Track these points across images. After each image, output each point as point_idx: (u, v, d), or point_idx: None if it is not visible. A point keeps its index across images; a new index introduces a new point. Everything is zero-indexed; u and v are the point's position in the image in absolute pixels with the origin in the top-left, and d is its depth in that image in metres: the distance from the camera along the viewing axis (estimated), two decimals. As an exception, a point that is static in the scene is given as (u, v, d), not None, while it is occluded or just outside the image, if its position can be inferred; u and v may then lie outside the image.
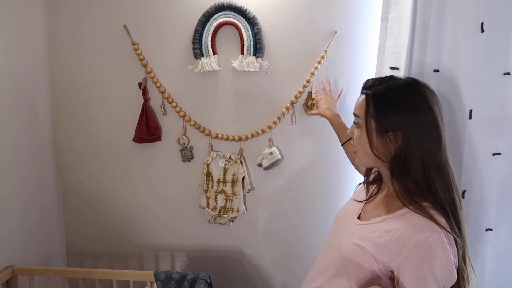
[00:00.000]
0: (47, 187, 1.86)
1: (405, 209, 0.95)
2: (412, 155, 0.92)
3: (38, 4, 1.74)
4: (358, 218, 1.07)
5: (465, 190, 1.55)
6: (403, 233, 0.91)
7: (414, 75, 1.54)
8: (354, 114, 1.02)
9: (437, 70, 1.52)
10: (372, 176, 1.14)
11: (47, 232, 1.86)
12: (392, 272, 0.93)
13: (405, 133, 0.92)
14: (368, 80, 1.02)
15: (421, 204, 0.93)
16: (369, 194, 1.10)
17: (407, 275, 0.89)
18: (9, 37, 1.58)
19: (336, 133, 1.53)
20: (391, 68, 1.54)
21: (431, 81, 1.52)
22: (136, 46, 1.76)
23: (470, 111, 1.51)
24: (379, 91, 0.96)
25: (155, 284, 1.58)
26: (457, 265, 0.91)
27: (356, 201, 1.11)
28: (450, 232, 0.90)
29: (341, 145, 1.49)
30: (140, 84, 1.78)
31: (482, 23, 1.46)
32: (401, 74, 1.51)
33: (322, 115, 1.60)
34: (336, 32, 1.70)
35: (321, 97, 1.65)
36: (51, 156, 1.89)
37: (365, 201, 1.09)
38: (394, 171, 0.96)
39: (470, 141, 1.53)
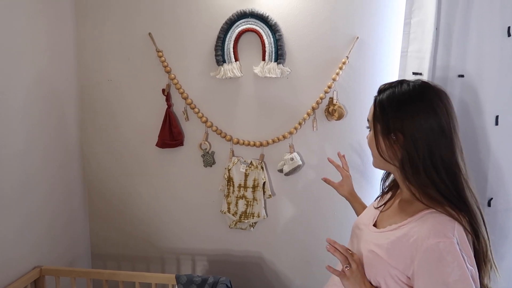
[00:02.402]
0: (74, 193, 1.92)
1: (419, 215, 0.94)
2: (416, 155, 0.93)
3: (67, 14, 1.81)
4: (375, 225, 1.07)
5: (492, 198, 1.51)
6: (416, 239, 0.90)
7: (437, 80, 1.52)
8: (367, 119, 1.07)
9: (461, 75, 1.49)
10: (387, 184, 1.16)
11: (73, 236, 1.91)
12: (410, 278, 0.92)
13: (406, 134, 0.94)
14: (382, 85, 1.05)
15: (438, 207, 0.93)
16: (384, 201, 1.11)
17: (420, 282, 0.88)
18: (40, 47, 1.65)
19: (358, 214, 1.40)
20: (414, 73, 1.53)
21: (456, 87, 1.50)
22: (160, 53, 1.80)
23: (497, 117, 1.47)
24: (385, 95, 1.00)
25: (176, 287, 1.60)
26: (476, 273, 0.88)
27: (375, 207, 1.12)
28: (467, 233, 0.89)
29: None
30: (163, 90, 1.82)
31: (509, 27, 1.43)
32: (424, 79, 1.49)
33: (345, 197, 1.48)
34: (357, 37, 1.70)
35: (344, 177, 1.50)
36: (79, 163, 1.95)
37: (380, 208, 1.10)
38: (405, 172, 0.97)
39: (496, 148, 1.49)
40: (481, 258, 0.92)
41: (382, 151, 1.00)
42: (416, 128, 0.93)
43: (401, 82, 1.01)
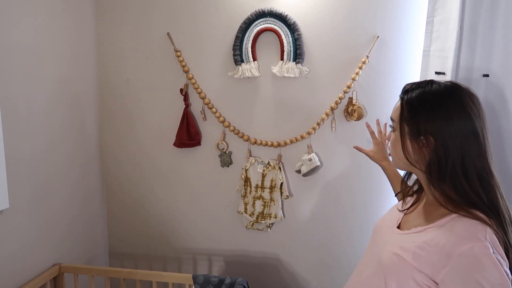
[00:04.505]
0: (93, 194, 1.95)
1: (446, 218, 0.91)
2: (446, 161, 0.89)
3: (87, 15, 1.83)
4: (398, 227, 1.04)
5: (518, 203, 1.46)
6: (445, 244, 0.87)
7: (461, 80, 1.48)
8: (391, 118, 1.02)
9: (486, 75, 1.45)
10: (411, 187, 1.12)
11: (92, 236, 1.94)
12: (437, 283, 0.88)
13: (437, 138, 0.90)
14: (407, 84, 1.00)
15: (464, 213, 0.89)
16: (408, 204, 1.08)
17: None
18: (62, 49, 1.67)
19: (391, 182, 1.39)
20: (437, 73, 1.49)
21: (480, 87, 1.46)
22: (179, 53, 1.80)
23: (524, 118, 1.43)
24: (414, 95, 0.95)
25: (193, 287, 1.60)
26: (510, 277, 0.85)
27: (399, 210, 1.09)
28: (498, 240, 0.85)
29: (395, 195, 1.37)
30: (181, 90, 1.82)
31: (537, 25, 1.39)
32: (447, 79, 1.45)
33: (379, 164, 1.44)
34: (378, 36, 1.67)
35: (375, 145, 1.47)
36: (98, 164, 1.97)
37: (404, 211, 1.06)
38: (430, 177, 0.93)
39: (523, 150, 1.44)
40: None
41: (408, 154, 0.95)
42: (449, 132, 0.88)
43: (430, 82, 0.96)
